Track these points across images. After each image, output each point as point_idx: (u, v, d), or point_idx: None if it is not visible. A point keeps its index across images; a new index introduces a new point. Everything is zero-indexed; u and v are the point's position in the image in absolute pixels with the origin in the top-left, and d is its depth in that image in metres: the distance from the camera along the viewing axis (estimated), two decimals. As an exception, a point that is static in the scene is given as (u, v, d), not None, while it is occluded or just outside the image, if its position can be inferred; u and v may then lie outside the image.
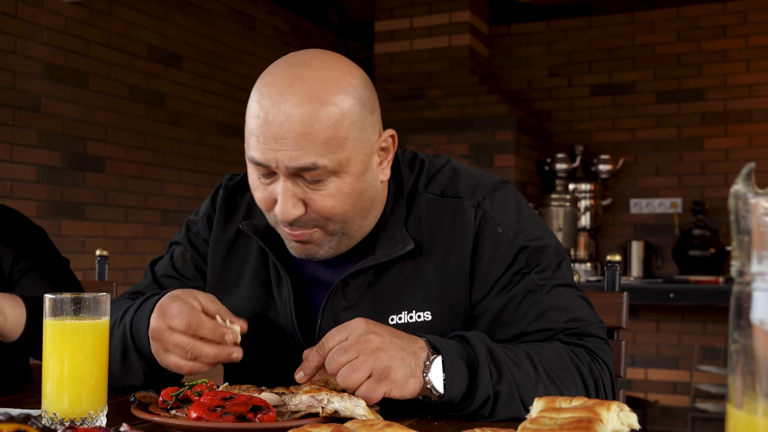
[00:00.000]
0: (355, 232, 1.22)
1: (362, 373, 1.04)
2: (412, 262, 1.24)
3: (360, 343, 1.06)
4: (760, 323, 0.56)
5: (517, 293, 1.22)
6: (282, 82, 1.13)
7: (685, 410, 4.90)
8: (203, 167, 4.54)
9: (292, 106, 1.10)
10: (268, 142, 1.12)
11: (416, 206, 1.27)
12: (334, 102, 1.12)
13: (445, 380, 1.07)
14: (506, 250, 1.23)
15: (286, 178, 1.14)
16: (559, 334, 1.21)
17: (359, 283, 1.25)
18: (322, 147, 1.11)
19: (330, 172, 1.13)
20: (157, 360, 1.16)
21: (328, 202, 1.15)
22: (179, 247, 1.41)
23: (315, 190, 1.14)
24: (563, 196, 4.85)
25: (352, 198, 1.17)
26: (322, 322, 1.26)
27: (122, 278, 3.97)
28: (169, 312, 1.11)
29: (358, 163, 1.16)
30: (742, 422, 0.57)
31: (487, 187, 1.27)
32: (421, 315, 1.23)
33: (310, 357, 1.10)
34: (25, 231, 1.69)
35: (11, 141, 3.48)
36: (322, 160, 1.11)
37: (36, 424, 0.73)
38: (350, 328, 1.08)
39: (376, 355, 1.05)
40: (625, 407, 0.79)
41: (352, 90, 1.15)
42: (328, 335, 1.10)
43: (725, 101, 5.08)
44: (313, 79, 1.12)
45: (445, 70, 5.21)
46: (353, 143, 1.14)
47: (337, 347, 1.07)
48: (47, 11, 3.64)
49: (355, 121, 1.14)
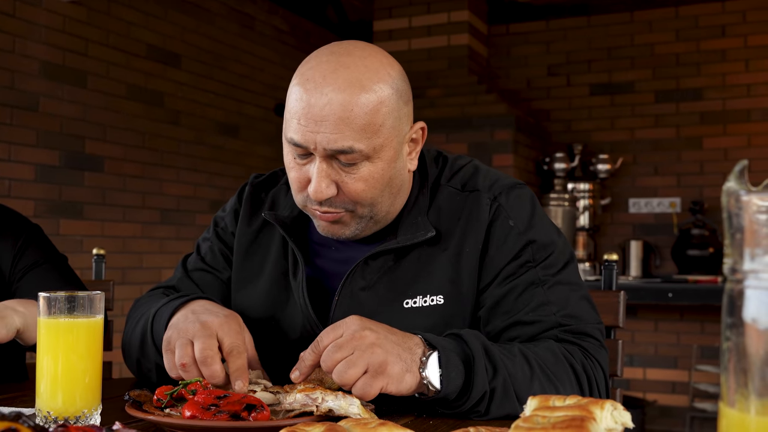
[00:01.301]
0: (381, 217, 1.27)
1: (358, 368, 1.04)
2: (430, 250, 1.28)
3: (355, 340, 1.06)
4: (752, 321, 0.56)
5: (519, 284, 1.24)
6: (326, 67, 1.18)
7: (684, 410, 4.90)
8: (202, 166, 4.54)
9: (334, 91, 1.15)
10: (309, 124, 1.16)
11: (438, 198, 1.32)
12: (374, 89, 1.17)
13: (441, 376, 1.07)
14: (514, 242, 1.26)
15: (322, 159, 1.18)
16: (554, 329, 1.21)
17: (379, 265, 1.28)
18: (359, 132, 1.16)
19: (364, 156, 1.18)
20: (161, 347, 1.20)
21: (359, 186, 1.19)
22: (207, 243, 1.47)
23: (348, 173, 1.19)
24: (562, 195, 4.85)
25: (382, 183, 1.21)
26: (340, 299, 1.28)
27: (120, 277, 3.97)
28: (192, 329, 1.15)
29: (390, 150, 1.21)
30: (735, 420, 0.56)
31: (506, 184, 1.32)
32: (434, 299, 1.26)
33: (305, 356, 1.11)
34: (23, 229, 1.69)
35: (9, 140, 3.48)
36: (358, 144, 1.16)
37: (28, 423, 0.73)
38: (344, 325, 1.09)
39: (371, 351, 1.05)
40: (619, 406, 0.79)
41: (390, 80, 1.20)
42: (323, 334, 1.10)
43: (724, 101, 5.08)
44: (355, 66, 1.18)
45: (443, 69, 5.21)
46: (388, 131, 1.19)
47: (333, 344, 1.07)
48: (46, 10, 3.64)
49: (391, 109, 1.19)
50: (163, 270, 4.24)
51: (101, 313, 1.09)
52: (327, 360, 1.06)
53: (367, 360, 1.04)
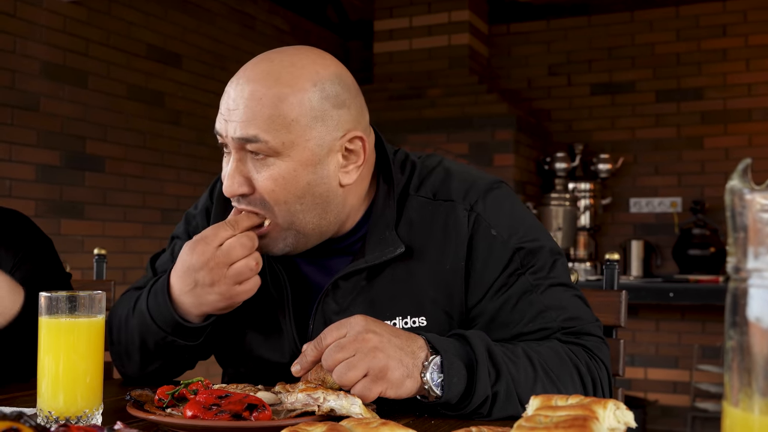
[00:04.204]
0: (309, 231, 1.21)
1: (358, 371, 1.03)
2: (405, 267, 1.23)
3: (358, 341, 1.05)
4: (756, 320, 0.56)
5: (513, 294, 1.21)
6: (252, 62, 1.20)
7: (685, 410, 4.89)
8: (202, 166, 4.53)
9: (249, 81, 1.16)
10: (224, 112, 1.19)
11: (407, 209, 1.25)
12: (290, 84, 1.15)
13: (443, 381, 1.06)
14: (501, 253, 1.22)
15: (235, 151, 1.18)
16: (556, 333, 1.20)
17: (351, 287, 1.24)
18: (266, 121, 1.14)
19: (273, 150, 1.15)
20: (197, 299, 1.20)
21: (269, 184, 1.17)
22: (180, 241, 1.43)
23: (258, 170, 1.17)
24: (563, 195, 4.85)
25: (295, 187, 1.17)
26: (314, 325, 1.26)
27: (121, 277, 3.97)
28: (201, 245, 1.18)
29: (305, 151, 1.16)
30: (738, 420, 0.56)
31: (480, 188, 1.26)
32: (416, 321, 1.22)
33: (307, 351, 1.10)
34: (27, 242, 1.64)
35: (10, 140, 3.47)
36: (264, 135, 1.14)
37: (29, 423, 0.73)
38: (349, 325, 1.08)
39: (373, 354, 1.04)
40: (621, 405, 0.78)
41: (316, 79, 1.17)
42: (327, 330, 1.09)
43: (725, 100, 5.08)
44: (279, 61, 1.18)
45: (444, 69, 5.21)
46: (302, 129, 1.15)
47: (335, 344, 1.06)
48: (46, 10, 3.64)
49: (309, 108, 1.15)
50: (164, 270, 4.24)
51: (102, 312, 1.08)
52: (328, 359, 1.05)
53: (368, 364, 1.03)
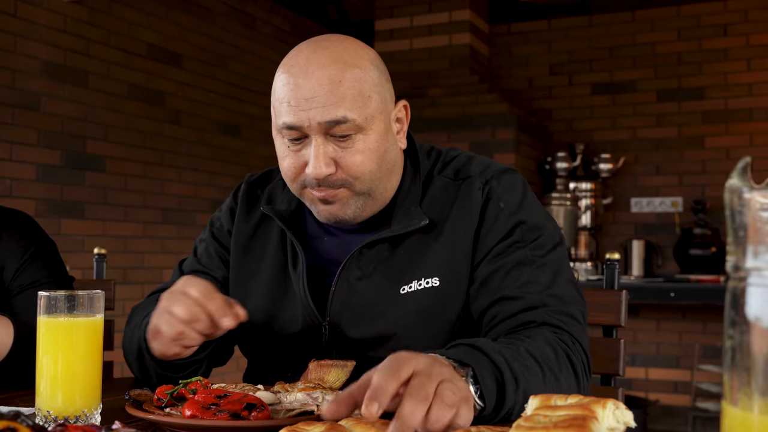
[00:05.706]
0: (379, 194, 1.28)
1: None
2: (425, 238, 1.29)
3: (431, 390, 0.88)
4: (755, 319, 0.55)
5: (508, 262, 1.25)
6: (306, 53, 1.23)
7: (686, 409, 4.89)
8: (203, 166, 4.53)
9: (320, 68, 1.20)
10: (300, 103, 1.19)
11: (431, 188, 1.33)
12: (357, 65, 1.22)
13: (479, 390, 0.98)
14: (504, 222, 1.28)
15: (317, 136, 1.21)
16: (538, 308, 1.20)
17: (374, 254, 1.29)
18: (350, 101, 1.20)
19: (358, 127, 1.21)
20: (156, 352, 1.18)
21: (357, 159, 1.22)
22: (203, 244, 1.47)
23: (344, 148, 1.21)
24: (564, 195, 4.84)
25: (378, 155, 1.24)
26: (336, 289, 1.29)
27: (122, 277, 3.97)
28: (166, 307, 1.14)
29: (381, 122, 1.24)
30: (738, 419, 0.56)
31: (497, 169, 1.34)
32: (429, 281, 1.27)
33: (386, 386, 0.88)
34: (33, 241, 1.63)
35: (11, 140, 3.48)
36: (351, 113, 1.19)
37: (27, 422, 0.73)
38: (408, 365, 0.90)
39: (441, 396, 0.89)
40: (620, 405, 0.78)
41: (369, 59, 1.26)
42: (396, 362, 0.90)
43: (726, 100, 5.07)
44: (334, 47, 1.23)
45: (445, 68, 5.20)
46: (376, 103, 1.23)
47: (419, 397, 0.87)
48: (47, 10, 3.64)
49: (375, 84, 1.24)
50: (164, 270, 4.24)
51: (101, 312, 1.08)
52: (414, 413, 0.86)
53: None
